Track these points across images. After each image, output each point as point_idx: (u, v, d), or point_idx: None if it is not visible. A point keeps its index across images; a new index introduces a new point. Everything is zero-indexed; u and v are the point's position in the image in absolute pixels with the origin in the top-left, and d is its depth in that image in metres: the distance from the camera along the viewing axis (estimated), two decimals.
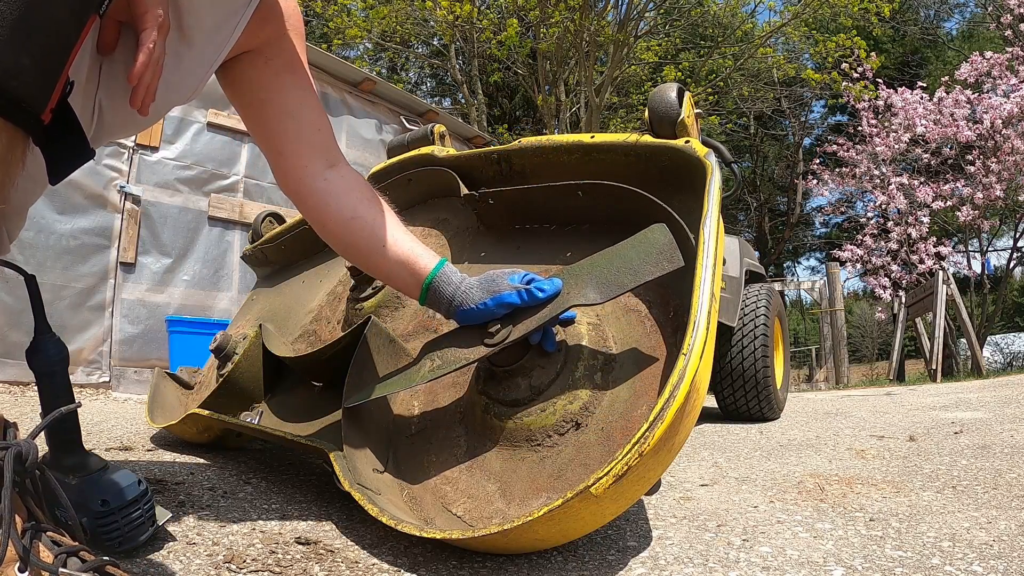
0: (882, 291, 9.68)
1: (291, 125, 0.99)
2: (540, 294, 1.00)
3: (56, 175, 0.66)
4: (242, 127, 4.24)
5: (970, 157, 9.23)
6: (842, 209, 13.20)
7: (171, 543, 0.94)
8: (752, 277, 3.33)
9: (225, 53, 0.88)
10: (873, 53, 9.57)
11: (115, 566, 0.63)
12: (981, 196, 8.88)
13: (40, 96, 0.57)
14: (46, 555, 0.60)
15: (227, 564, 0.88)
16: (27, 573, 0.57)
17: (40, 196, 0.78)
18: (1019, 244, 9.59)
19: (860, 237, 10.27)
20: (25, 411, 2.32)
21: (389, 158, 1.70)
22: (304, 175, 1.01)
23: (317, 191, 1.01)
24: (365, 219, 1.02)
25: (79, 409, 0.79)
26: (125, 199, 3.70)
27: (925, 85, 10.08)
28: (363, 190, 1.04)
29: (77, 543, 0.64)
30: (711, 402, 3.47)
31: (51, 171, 0.66)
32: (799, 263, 24.72)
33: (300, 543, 1.00)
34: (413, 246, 1.04)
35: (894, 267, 9.69)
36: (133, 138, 3.77)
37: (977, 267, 10.46)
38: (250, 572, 0.87)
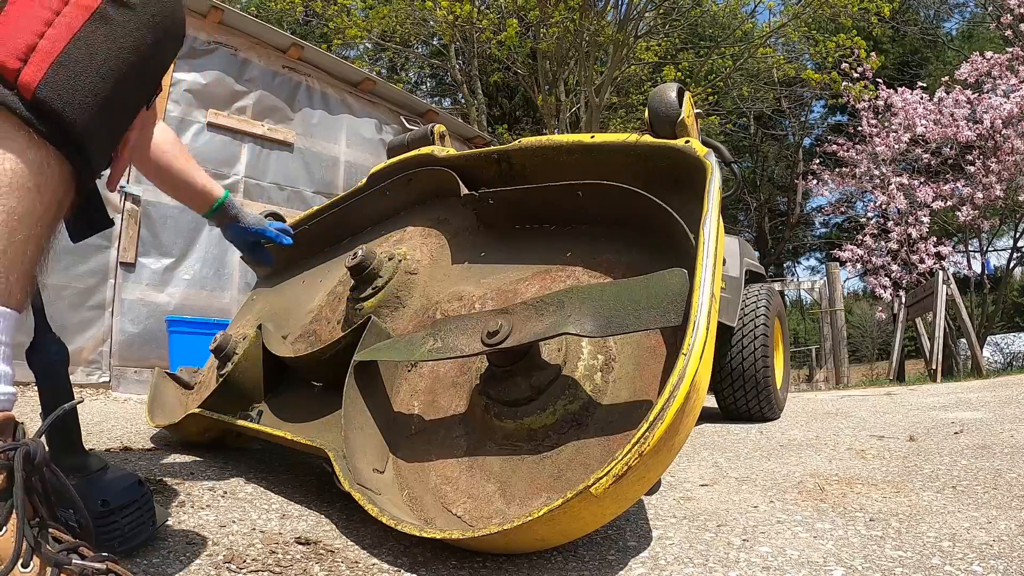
0: (882, 291, 9.66)
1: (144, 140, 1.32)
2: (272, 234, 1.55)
3: (78, 237, 0.79)
4: (242, 128, 4.25)
5: (970, 157, 9.21)
6: (842, 209, 13.21)
7: (171, 543, 0.94)
8: (752, 277, 3.32)
9: None
10: (873, 53, 9.55)
11: (115, 562, 0.63)
12: (981, 196, 8.87)
13: (102, 164, 0.68)
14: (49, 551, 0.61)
15: (227, 564, 0.88)
16: (31, 568, 0.57)
17: None
18: (1019, 244, 9.58)
19: (860, 237, 10.25)
20: (25, 411, 2.31)
21: (389, 158, 1.70)
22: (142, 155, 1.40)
23: (145, 161, 1.41)
24: (167, 170, 1.41)
25: (79, 409, 0.79)
26: (125, 199, 3.70)
27: (925, 85, 10.05)
28: (166, 149, 1.40)
29: (77, 540, 0.64)
30: (711, 402, 3.47)
31: (73, 233, 0.78)
32: (799, 263, 24.65)
33: (300, 543, 1.00)
34: (203, 183, 1.46)
35: (894, 267, 9.67)
36: None
37: (977, 267, 10.45)
38: (250, 572, 0.87)
